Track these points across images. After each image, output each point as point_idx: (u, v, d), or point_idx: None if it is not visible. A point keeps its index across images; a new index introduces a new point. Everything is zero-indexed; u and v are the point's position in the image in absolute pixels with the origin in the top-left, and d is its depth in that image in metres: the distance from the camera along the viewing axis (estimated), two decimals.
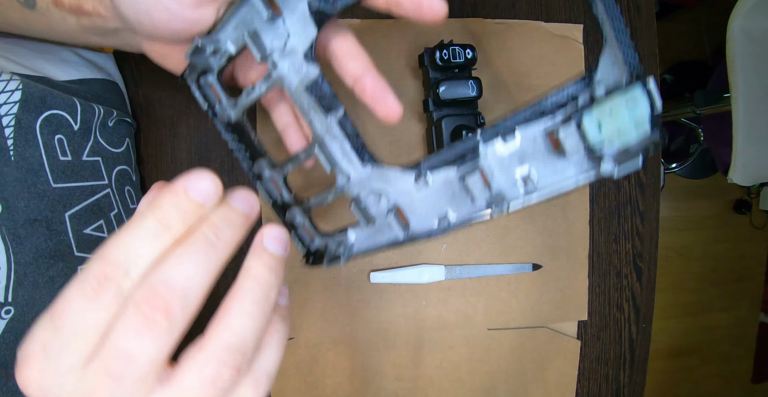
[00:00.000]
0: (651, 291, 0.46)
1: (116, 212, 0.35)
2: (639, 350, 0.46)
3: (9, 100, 0.27)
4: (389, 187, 0.25)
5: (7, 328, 0.26)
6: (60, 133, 0.30)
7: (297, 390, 0.42)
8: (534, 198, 0.23)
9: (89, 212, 0.32)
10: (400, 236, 0.26)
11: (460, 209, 0.24)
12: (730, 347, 1.52)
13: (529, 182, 0.22)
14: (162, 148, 0.41)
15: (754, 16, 0.74)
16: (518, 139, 0.22)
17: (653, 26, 0.43)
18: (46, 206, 0.29)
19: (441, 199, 0.24)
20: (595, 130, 0.20)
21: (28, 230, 0.27)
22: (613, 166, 0.20)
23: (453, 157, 0.24)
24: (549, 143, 0.21)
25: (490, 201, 0.23)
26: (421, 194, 0.25)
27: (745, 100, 0.77)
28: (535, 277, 0.43)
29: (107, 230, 0.34)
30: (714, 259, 1.49)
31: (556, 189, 0.22)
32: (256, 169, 0.28)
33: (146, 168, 0.41)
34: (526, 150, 0.22)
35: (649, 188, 0.45)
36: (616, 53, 0.20)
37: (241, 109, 0.26)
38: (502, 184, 0.23)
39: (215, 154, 0.41)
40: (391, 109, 0.24)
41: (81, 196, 0.31)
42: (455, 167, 0.23)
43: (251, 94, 0.25)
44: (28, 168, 0.28)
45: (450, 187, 0.24)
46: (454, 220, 0.24)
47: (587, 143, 0.20)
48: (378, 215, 0.26)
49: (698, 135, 1.32)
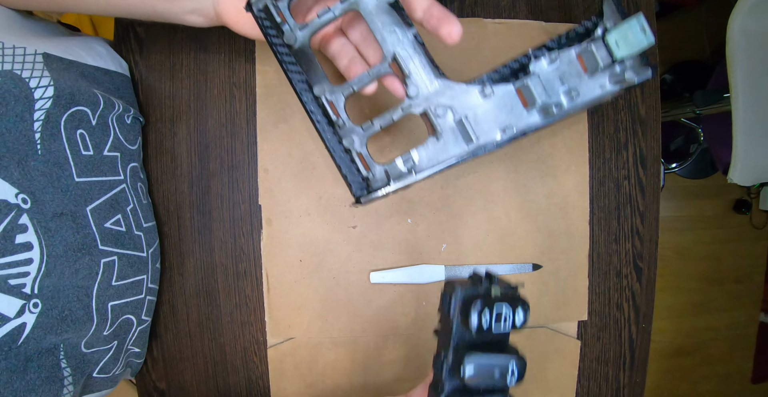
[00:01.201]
0: (651, 291, 0.46)
1: (132, 207, 0.36)
2: (639, 350, 0.46)
3: (44, 96, 0.27)
4: (455, 101, 0.28)
5: (37, 323, 0.26)
6: (81, 127, 0.31)
7: (297, 390, 0.42)
8: (578, 106, 0.28)
9: (108, 206, 0.33)
10: (467, 149, 0.28)
11: (519, 121, 0.28)
12: (730, 347, 1.52)
13: (573, 92, 0.27)
14: (162, 148, 0.41)
15: (754, 16, 0.74)
16: (560, 59, 0.27)
17: (653, 26, 0.43)
18: (70, 200, 0.29)
19: (501, 112, 0.28)
20: (615, 46, 0.26)
21: (57, 223, 0.28)
22: (633, 75, 0.26)
23: (509, 72, 0.28)
24: (579, 66, 0.27)
25: (545, 104, 0.27)
26: (485, 107, 0.27)
27: (745, 100, 0.77)
28: (535, 277, 0.43)
29: (124, 225, 0.34)
30: (714, 259, 1.49)
31: (592, 100, 0.28)
32: (316, 91, 0.28)
33: (147, 167, 0.41)
34: (565, 70, 0.27)
35: (649, 188, 0.45)
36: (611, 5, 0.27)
37: (312, 30, 0.27)
38: (552, 95, 0.27)
39: (215, 154, 0.41)
40: (455, 30, 0.26)
41: (101, 191, 0.32)
42: (511, 82, 0.27)
43: (324, 16, 0.27)
44: (54, 162, 0.28)
45: (509, 100, 0.27)
46: (517, 129, 0.28)
47: (613, 56, 0.26)
48: (444, 129, 0.28)
49: (698, 135, 1.32)
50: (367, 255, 0.42)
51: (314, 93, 0.28)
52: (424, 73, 0.27)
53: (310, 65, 0.28)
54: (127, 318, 0.35)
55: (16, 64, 0.26)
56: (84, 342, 0.30)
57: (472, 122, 0.28)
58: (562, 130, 0.43)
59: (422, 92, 0.28)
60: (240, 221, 0.41)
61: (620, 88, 0.28)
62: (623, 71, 0.27)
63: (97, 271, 0.31)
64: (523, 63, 0.28)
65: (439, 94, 0.28)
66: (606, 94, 0.28)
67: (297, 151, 0.41)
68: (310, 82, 0.28)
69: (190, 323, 0.42)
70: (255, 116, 0.41)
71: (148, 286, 0.37)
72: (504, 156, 0.42)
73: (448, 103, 0.28)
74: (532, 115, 0.28)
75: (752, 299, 1.52)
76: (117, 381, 0.37)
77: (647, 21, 0.26)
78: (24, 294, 0.25)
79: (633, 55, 0.26)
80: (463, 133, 0.28)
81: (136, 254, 0.35)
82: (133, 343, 0.38)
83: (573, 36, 0.28)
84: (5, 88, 0.25)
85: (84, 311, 0.29)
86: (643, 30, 0.26)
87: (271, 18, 0.27)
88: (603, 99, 0.28)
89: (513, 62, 0.28)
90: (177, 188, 0.41)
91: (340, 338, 0.42)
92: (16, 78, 0.26)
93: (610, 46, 0.26)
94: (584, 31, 0.28)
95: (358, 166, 0.29)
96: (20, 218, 0.25)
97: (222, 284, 0.42)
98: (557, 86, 0.27)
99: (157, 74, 0.41)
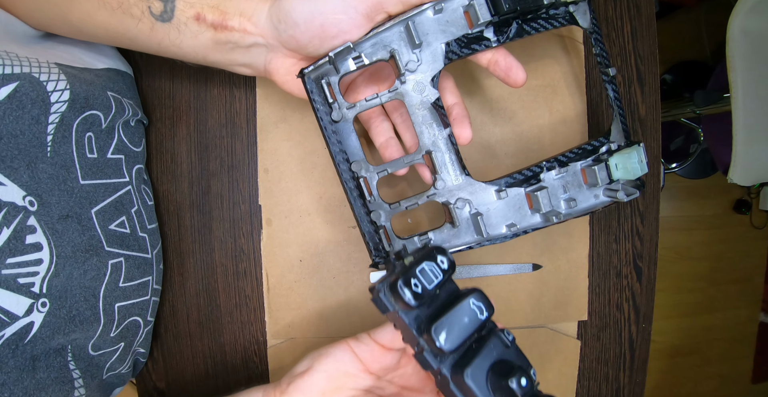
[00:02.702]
0: (651, 291, 0.46)
1: (136, 209, 0.36)
2: (639, 350, 0.46)
3: (60, 99, 0.28)
4: (474, 196, 0.32)
5: (44, 322, 0.26)
6: (91, 131, 0.31)
7: None
8: (574, 214, 0.32)
9: (113, 209, 0.33)
10: (476, 239, 0.32)
11: (523, 220, 0.32)
12: (730, 347, 1.52)
13: (572, 202, 0.32)
14: (162, 148, 0.41)
15: (754, 16, 0.74)
16: (567, 171, 0.32)
17: (653, 26, 0.43)
18: (75, 202, 0.29)
19: (510, 210, 0.32)
20: (614, 168, 0.32)
21: (63, 225, 0.28)
22: (624, 195, 0.31)
23: (522, 178, 0.32)
24: (581, 177, 0.33)
25: (548, 212, 0.31)
26: (497, 205, 0.32)
27: (745, 100, 0.77)
28: (535, 277, 0.43)
29: (129, 226, 0.34)
30: (714, 259, 1.49)
31: (586, 209, 0.33)
32: (354, 167, 0.31)
33: (147, 167, 0.41)
34: (569, 180, 0.32)
35: (649, 188, 0.45)
36: (618, 125, 0.33)
37: (357, 111, 0.30)
38: (554, 202, 0.32)
39: (215, 154, 0.41)
40: (520, 76, 0.30)
41: (105, 193, 0.32)
42: (524, 187, 0.32)
43: (372, 101, 0.30)
44: (62, 164, 0.28)
45: (518, 202, 0.32)
46: (520, 227, 0.32)
47: (611, 177, 0.32)
48: (461, 220, 0.32)
49: (698, 135, 1.32)
50: (367, 255, 0.42)
51: (351, 168, 0.31)
52: (452, 169, 0.31)
53: (349, 139, 0.31)
54: (134, 320, 0.35)
55: (34, 67, 0.26)
56: (91, 344, 0.31)
57: (485, 217, 0.31)
58: (562, 129, 0.43)
59: (447, 185, 0.31)
60: (240, 221, 0.41)
61: (610, 201, 0.33)
62: (616, 189, 0.32)
63: (105, 272, 0.31)
64: (536, 172, 0.32)
65: (462, 189, 0.31)
66: (598, 204, 0.33)
67: (297, 151, 0.41)
68: (348, 155, 0.31)
69: (190, 323, 0.42)
70: (255, 116, 0.41)
71: (153, 287, 0.38)
72: (504, 156, 0.42)
73: (468, 198, 0.32)
74: (535, 217, 0.32)
75: (752, 299, 1.52)
76: (125, 380, 0.37)
77: (645, 151, 0.33)
78: (33, 293, 0.25)
79: (628, 179, 0.32)
80: (475, 225, 0.32)
81: (142, 255, 0.35)
82: (140, 344, 0.38)
83: (581, 152, 0.33)
84: (22, 92, 0.25)
85: (91, 311, 0.30)
86: (641, 161, 0.32)
87: (321, 91, 0.29)
88: (595, 208, 0.33)
89: (527, 170, 0.32)
90: (177, 188, 0.41)
91: (340, 337, 0.42)
92: (35, 81, 0.26)
93: (610, 167, 0.31)
94: (592, 148, 0.33)
95: (381, 237, 0.32)
96: (28, 219, 0.25)
97: (222, 284, 0.42)
98: (560, 194, 0.32)
99: (158, 74, 0.41)
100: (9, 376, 0.24)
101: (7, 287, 0.24)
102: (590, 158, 0.32)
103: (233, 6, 0.27)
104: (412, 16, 0.28)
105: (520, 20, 0.29)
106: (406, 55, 0.29)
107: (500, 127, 0.42)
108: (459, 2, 0.28)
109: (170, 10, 0.27)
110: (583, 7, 0.31)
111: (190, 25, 0.28)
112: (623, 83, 0.43)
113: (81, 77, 0.30)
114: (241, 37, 0.28)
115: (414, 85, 0.29)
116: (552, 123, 0.42)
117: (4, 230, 0.24)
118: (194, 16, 0.27)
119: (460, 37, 0.29)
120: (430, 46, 0.29)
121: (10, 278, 0.24)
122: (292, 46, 0.28)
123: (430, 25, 0.28)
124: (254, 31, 0.28)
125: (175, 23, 0.28)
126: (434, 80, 0.29)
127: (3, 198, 0.24)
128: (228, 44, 0.29)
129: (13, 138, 0.25)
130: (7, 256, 0.24)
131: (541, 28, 0.30)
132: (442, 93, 0.32)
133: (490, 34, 0.29)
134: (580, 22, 0.31)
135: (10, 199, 0.25)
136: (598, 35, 0.33)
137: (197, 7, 0.27)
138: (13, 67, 0.25)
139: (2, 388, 0.24)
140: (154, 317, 0.39)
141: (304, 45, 0.27)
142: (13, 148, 0.25)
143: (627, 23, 0.43)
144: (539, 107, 0.42)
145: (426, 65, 0.29)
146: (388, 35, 0.28)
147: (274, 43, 0.28)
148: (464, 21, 0.28)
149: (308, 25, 0.26)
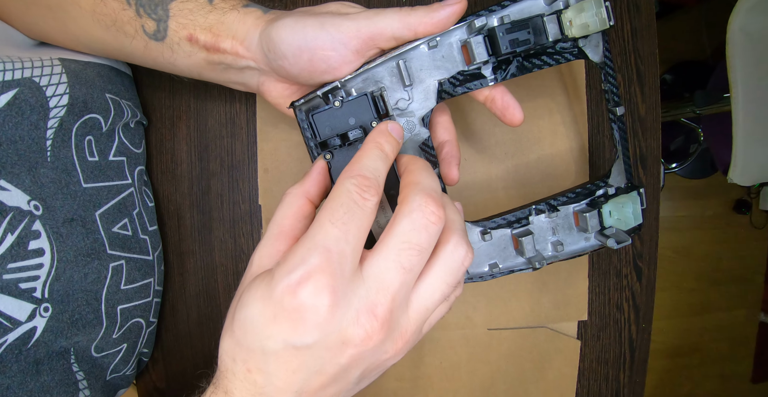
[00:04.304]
0: (651, 291, 0.46)
1: (138, 211, 0.36)
2: (639, 350, 0.46)
3: (59, 104, 0.28)
4: None
5: (47, 327, 0.26)
6: (90, 134, 0.31)
7: None
8: (560, 257, 0.31)
9: (116, 211, 0.33)
10: None
11: (506, 261, 0.31)
12: (730, 347, 1.52)
13: (559, 246, 0.31)
14: (162, 149, 0.41)
15: (754, 16, 0.74)
16: (558, 214, 0.31)
17: (653, 26, 0.43)
18: (79, 206, 0.29)
19: (494, 251, 0.31)
20: (608, 215, 0.31)
21: (68, 229, 0.28)
22: (614, 242, 0.30)
23: (510, 220, 0.31)
24: (572, 220, 0.32)
25: (531, 257, 0.30)
26: (481, 245, 0.31)
27: (745, 100, 0.77)
28: (535, 277, 0.43)
29: (130, 229, 0.34)
30: (714, 259, 1.49)
31: (574, 252, 0.32)
32: None
33: (147, 168, 0.41)
34: (559, 223, 0.31)
35: (649, 188, 0.45)
36: (620, 166, 0.32)
37: None
38: (541, 245, 0.31)
39: (215, 154, 0.41)
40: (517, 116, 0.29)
41: (108, 196, 0.32)
42: (510, 229, 0.31)
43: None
44: (63, 168, 0.28)
45: (502, 244, 0.31)
46: (502, 267, 0.31)
47: (602, 224, 0.31)
48: None
49: (698, 135, 1.32)
50: None
51: None
52: None
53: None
54: (136, 321, 0.35)
55: (35, 69, 0.26)
56: (94, 346, 0.31)
57: None
58: (563, 130, 0.43)
59: None
60: (240, 221, 0.41)
61: (599, 247, 0.32)
62: (608, 235, 0.31)
63: (106, 275, 0.31)
64: (526, 215, 0.31)
65: None
66: (588, 247, 0.32)
67: (297, 152, 0.41)
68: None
69: (190, 323, 0.42)
70: (255, 116, 0.41)
71: (155, 288, 0.38)
72: (504, 156, 0.42)
73: None
74: (519, 259, 0.31)
75: (752, 299, 1.52)
76: (130, 382, 0.37)
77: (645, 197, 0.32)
78: (35, 298, 0.25)
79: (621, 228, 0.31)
80: None
81: (143, 257, 0.35)
82: (144, 345, 0.38)
83: (574, 196, 0.32)
84: (22, 99, 0.25)
85: (94, 314, 0.30)
86: (636, 212, 0.31)
87: (311, 124, 0.28)
88: (584, 252, 0.32)
89: (518, 212, 0.31)
90: (177, 189, 0.41)
91: None
92: (34, 87, 0.26)
93: (603, 215, 0.31)
94: (588, 191, 0.32)
95: None
96: (33, 224, 0.26)
97: (222, 284, 0.42)
98: (548, 236, 0.31)
99: (158, 74, 0.41)
100: (13, 380, 0.24)
101: (8, 293, 0.24)
102: (584, 202, 0.31)
103: (226, 28, 0.27)
104: (406, 51, 0.27)
105: (522, 57, 0.28)
106: (398, 92, 0.28)
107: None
108: (455, 38, 0.27)
109: (163, 29, 0.27)
110: (596, 39, 0.29)
111: (183, 46, 0.27)
112: (623, 83, 0.43)
113: (82, 76, 0.30)
114: (234, 60, 0.27)
115: (404, 123, 0.28)
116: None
117: (8, 236, 0.24)
118: (187, 37, 0.27)
119: (455, 74, 0.27)
120: (423, 83, 0.28)
121: (11, 283, 0.24)
122: (282, 74, 0.27)
123: (423, 61, 0.27)
124: (246, 55, 0.27)
125: (168, 43, 0.27)
126: (425, 120, 0.28)
127: (8, 203, 0.24)
128: (221, 65, 0.28)
129: (12, 144, 0.25)
130: (8, 261, 0.24)
131: (544, 65, 0.28)
132: (436, 128, 0.31)
133: (488, 72, 0.28)
134: (591, 57, 0.29)
135: (15, 203, 0.25)
136: (611, 69, 0.30)
137: (190, 28, 0.27)
138: (14, 71, 0.25)
139: (7, 392, 0.24)
140: (157, 317, 0.39)
141: (294, 76, 0.27)
142: (12, 154, 0.25)
143: (627, 23, 0.43)
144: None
145: (417, 103, 0.28)
146: (379, 71, 0.27)
147: (266, 68, 0.28)
148: (460, 57, 0.27)
149: (296, 59, 0.25)
